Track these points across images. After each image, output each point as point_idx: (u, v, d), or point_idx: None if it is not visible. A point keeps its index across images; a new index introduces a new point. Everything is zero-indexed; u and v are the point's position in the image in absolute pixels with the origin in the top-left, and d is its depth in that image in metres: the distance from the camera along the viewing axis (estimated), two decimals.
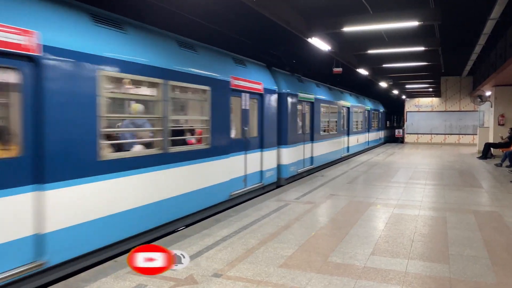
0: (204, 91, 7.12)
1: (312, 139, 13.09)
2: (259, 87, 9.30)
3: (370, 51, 13.17)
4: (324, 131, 14.70)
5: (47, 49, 4.20)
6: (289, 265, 4.63)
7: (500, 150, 16.43)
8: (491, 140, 18.21)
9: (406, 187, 9.97)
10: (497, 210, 7.46)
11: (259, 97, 9.40)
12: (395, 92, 27.18)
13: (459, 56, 16.86)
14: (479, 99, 20.74)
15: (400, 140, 30.58)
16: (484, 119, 23.29)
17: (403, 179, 11.35)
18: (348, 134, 18.62)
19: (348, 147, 18.63)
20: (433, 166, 14.78)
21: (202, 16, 10.04)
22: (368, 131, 23.98)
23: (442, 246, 5.38)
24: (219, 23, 10.79)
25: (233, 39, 11.97)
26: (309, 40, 10.05)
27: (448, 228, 6.24)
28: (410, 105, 29.09)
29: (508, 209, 7.55)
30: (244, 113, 8.72)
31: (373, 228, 6.26)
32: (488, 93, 20.03)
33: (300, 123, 12.15)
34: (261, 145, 9.51)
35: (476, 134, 23.82)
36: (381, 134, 29.07)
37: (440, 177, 11.88)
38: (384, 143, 30.08)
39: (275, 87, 10.31)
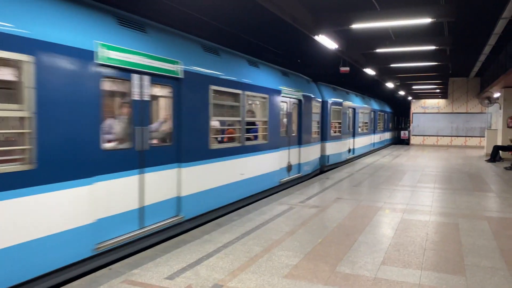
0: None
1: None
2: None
3: (378, 50, 12.85)
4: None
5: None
6: (295, 276, 4.33)
7: (509, 153, 16.08)
8: (499, 143, 17.86)
9: (414, 191, 9.66)
10: (511, 217, 7.13)
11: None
12: (402, 93, 26.83)
13: (467, 57, 16.53)
14: (487, 101, 20.38)
15: (406, 142, 30.21)
16: (491, 121, 22.94)
17: (411, 183, 11.04)
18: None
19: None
20: (440, 169, 14.45)
21: (204, 12, 9.80)
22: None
23: (457, 255, 5.08)
24: (222, 19, 10.55)
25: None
26: (316, 37, 9.76)
27: (461, 236, 5.93)
28: (416, 106, 28.72)
29: None
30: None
31: (383, 235, 5.96)
32: (496, 95, 19.67)
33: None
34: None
35: (483, 136, 23.46)
36: (387, 135, 28.71)
37: (449, 180, 11.55)
38: (390, 144, 29.74)
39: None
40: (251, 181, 8.45)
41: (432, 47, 12.29)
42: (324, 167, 14.02)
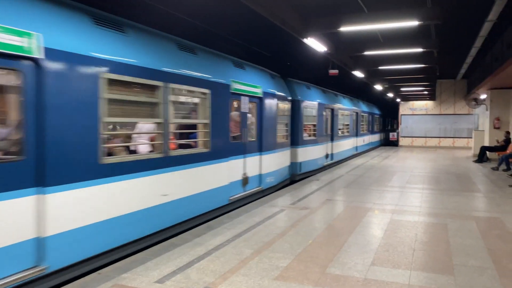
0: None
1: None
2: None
3: (367, 53, 12.95)
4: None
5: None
6: (285, 277, 4.34)
7: (496, 153, 16.31)
8: (486, 144, 18.11)
9: (403, 192, 9.75)
10: (498, 216, 7.24)
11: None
12: (390, 95, 27.06)
13: (454, 59, 16.75)
14: (474, 102, 20.65)
15: (395, 143, 30.47)
16: (478, 122, 23.23)
17: (400, 183, 11.13)
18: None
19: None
20: (429, 169, 14.60)
21: (194, 16, 9.79)
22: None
23: (445, 255, 5.13)
24: (212, 23, 10.55)
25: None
26: (305, 40, 9.81)
27: (449, 236, 6.00)
28: (405, 108, 29.01)
29: (510, 215, 7.34)
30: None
31: (372, 236, 6.00)
32: (483, 96, 19.94)
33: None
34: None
35: (470, 137, 23.77)
36: (374, 137, 28.74)
37: (437, 181, 11.67)
38: (379, 146, 29.94)
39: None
40: (179, 203, 6.31)
41: (420, 50, 12.42)
42: (295, 176, 12.23)
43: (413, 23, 8.80)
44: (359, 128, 22.16)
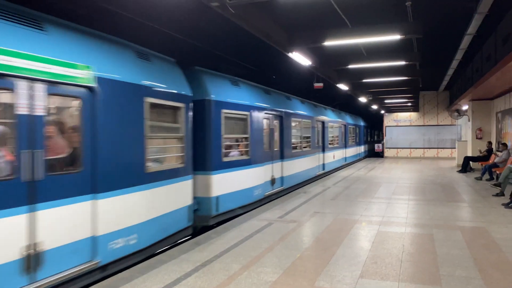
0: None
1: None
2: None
3: (351, 66, 13.15)
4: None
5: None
6: None
7: (479, 163, 16.58)
8: (469, 154, 18.41)
9: (389, 203, 9.82)
10: (483, 226, 7.33)
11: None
12: (375, 107, 27.43)
13: (436, 71, 17.10)
14: (456, 113, 21.07)
15: (381, 155, 30.78)
16: (461, 133, 23.67)
17: (386, 195, 11.22)
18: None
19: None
20: (414, 180, 14.75)
21: (180, 31, 9.83)
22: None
23: (432, 266, 5.17)
24: (197, 37, 10.60)
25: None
26: (290, 54, 9.93)
27: (436, 246, 6.05)
28: (389, 119, 29.39)
29: (494, 224, 7.44)
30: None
31: (360, 248, 6.01)
32: (465, 107, 20.35)
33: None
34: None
35: (454, 148, 24.15)
36: (361, 149, 28.96)
37: (423, 192, 11.80)
38: (364, 157, 30.20)
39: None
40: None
41: (403, 62, 12.66)
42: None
43: (396, 37, 8.99)
44: (326, 143, 18.07)
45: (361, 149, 29.07)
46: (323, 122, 17.33)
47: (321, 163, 17.12)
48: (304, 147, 14.42)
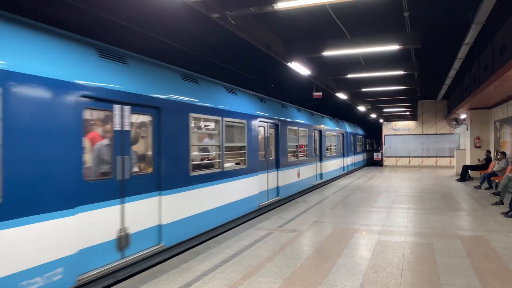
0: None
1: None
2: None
3: (350, 76, 13.25)
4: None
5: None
6: None
7: (478, 172, 16.62)
8: (468, 162, 18.45)
9: (389, 212, 9.83)
10: (483, 235, 7.35)
11: None
12: (373, 116, 27.53)
13: (434, 81, 17.22)
14: (454, 122, 21.14)
15: (379, 163, 30.81)
16: (460, 142, 23.74)
17: (386, 204, 11.23)
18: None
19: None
20: (413, 189, 14.77)
21: (181, 41, 9.92)
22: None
23: (433, 275, 5.18)
24: (197, 48, 10.70)
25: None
26: (289, 64, 10.01)
27: (436, 255, 6.06)
28: (388, 128, 29.48)
29: (494, 233, 7.46)
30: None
31: (360, 257, 6.02)
32: (463, 116, 20.43)
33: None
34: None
35: (453, 157, 24.21)
36: (360, 157, 28.84)
37: (422, 200, 11.81)
38: (363, 166, 30.23)
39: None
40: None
41: (401, 72, 12.78)
42: None
43: (394, 47, 9.09)
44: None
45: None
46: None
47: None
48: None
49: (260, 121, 10.44)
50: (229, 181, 8.59)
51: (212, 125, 8.43)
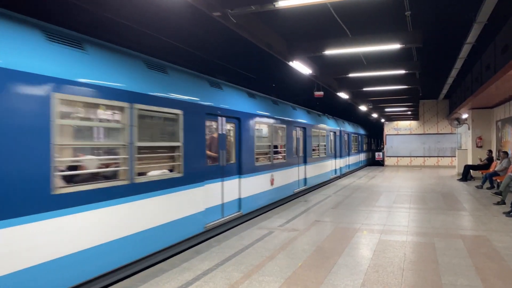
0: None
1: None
2: None
3: (351, 75, 13.23)
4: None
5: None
6: None
7: (480, 172, 16.58)
8: (469, 162, 18.41)
9: (390, 212, 9.81)
10: (484, 234, 7.32)
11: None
12: (375, 115, 27.49)
13: (436, 80, 17.18)
14: (456, 122, 21.09)
15: (381, 163, 30.77)
16: (461, 141, 23.69)
17: (387, 203, 11.21)
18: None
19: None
20: (415, 189, 14.75)
21: (182, 40, 9.91)
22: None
23: (434, 275, 5.16)
24: (199, 47, 10.68)
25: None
26: (290, 63, 9.99)
27: (437, 255, 6.04)
28: (389, 128, 29.44)
29: (495, 233, 7.43)
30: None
31: (361, 257, 6.00)
32: (465, 116, 20.39)
33: None
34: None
35: (454, 156, 24.16)
36: (360, 158, 28.45)
37: (424, 200, 11.79)
38: (365, 166, 30.19)
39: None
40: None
41: (402, 71, 12.75)
42: None
43: (395, 46, 9.07)
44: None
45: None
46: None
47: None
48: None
49: (209, 113, 7.88)
50: (143, 199, 5.91)
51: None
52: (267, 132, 11.18)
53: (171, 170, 6.69)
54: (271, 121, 11.31)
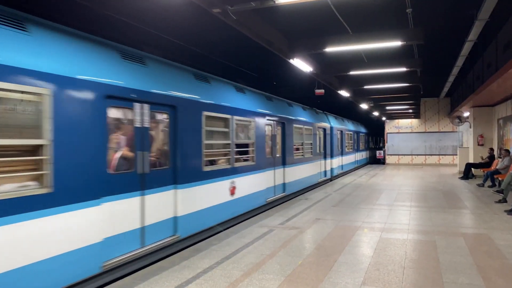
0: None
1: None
2: None
3: (352, 72, 13.18)
4: None
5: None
6: None
7: (481, 170, 16.53)
8: (471, 160, 18.36)
9: (391, 210, 9.77)
10: (486, 233, 7.29)
11: None
12: (376, 113, 27.43)
13: (437, 78, 17.13)
14: (457, 120, 21.04)
15: (382, 161, 30.72)
16: (463, 140, 23.62)
17: (388, 201, 11.17)
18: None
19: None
20: (416, 187, 14.71)
21: (181, 37, 9.87)
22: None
23: (435, 273, 5.13)
24: (200, 45, 10.65)
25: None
26: (291, 61, 9.95)
27: (438, 253, 6.01)
28: (390, 126, 29.38)
29: (497, 231, 7.40)
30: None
31: (362, 255, 5.97)
32: (466, 114, 20.34)
33: None
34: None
35: (455, 155, 24.12)
36: (355, 157, 27.49)
37: (425, 198, 11.75)
38: (366, 164, 30.14)
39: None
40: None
41: (403, 69, 12.69)
42: None
43: (396, 43, 9.02)
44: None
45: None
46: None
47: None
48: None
49: (118, 97, 5.39)
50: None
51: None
52: (227, 127, 8.42)
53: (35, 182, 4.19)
54: (233, 113, 8.65)
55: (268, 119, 10.76)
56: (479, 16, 7.80)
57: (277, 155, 11.61)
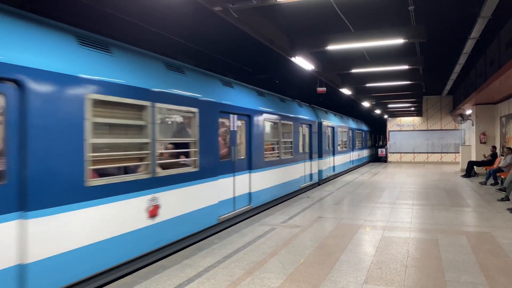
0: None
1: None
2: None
3: (354, 70, 13.14)
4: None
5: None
6: None
7: (484, 168, 16.48)
8: (473, 158, 18.30)
9: (393, 208, 9.75)
10: (488, 231, 7.26)
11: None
12: (378, 111, 27.37)
13: (439, 76, 17.06)
14: (460, 118, 20.96)
15: (384, 159, 30.66)
16: (465, 138, 23.56)
17: (390, 199, 11.15)
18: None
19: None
20: (418, 185, 14.67)
21: (182, 35, 9.85)
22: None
23: (437, 271, 5.11)
24: (201, 43, 10.62)
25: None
26: (293, 59, 9.92)
27: (441, 252, 5.99)
28: (392, 124, 29.31)
29: (499, 229, 7.37)
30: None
31: (364, 253, 5.96)
32: (468, 112, 20.27)
33: None
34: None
35: (458, 153, 24.06)
36: (361, 154, 28.04)
37: (427, 196, 11.72)
38: (368, 162, 30.09)
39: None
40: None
41: (406, 67, 12.64)
42: None
43: (398, 41, 8.98)
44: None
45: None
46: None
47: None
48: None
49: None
50: None
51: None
52: (148, 120, 5.84)
53: None
54: (164, 101, 6.25)
55: (222, 111, 8.21)
56: (481, 13, 7.74)
57: (240, 157, 9.22)
